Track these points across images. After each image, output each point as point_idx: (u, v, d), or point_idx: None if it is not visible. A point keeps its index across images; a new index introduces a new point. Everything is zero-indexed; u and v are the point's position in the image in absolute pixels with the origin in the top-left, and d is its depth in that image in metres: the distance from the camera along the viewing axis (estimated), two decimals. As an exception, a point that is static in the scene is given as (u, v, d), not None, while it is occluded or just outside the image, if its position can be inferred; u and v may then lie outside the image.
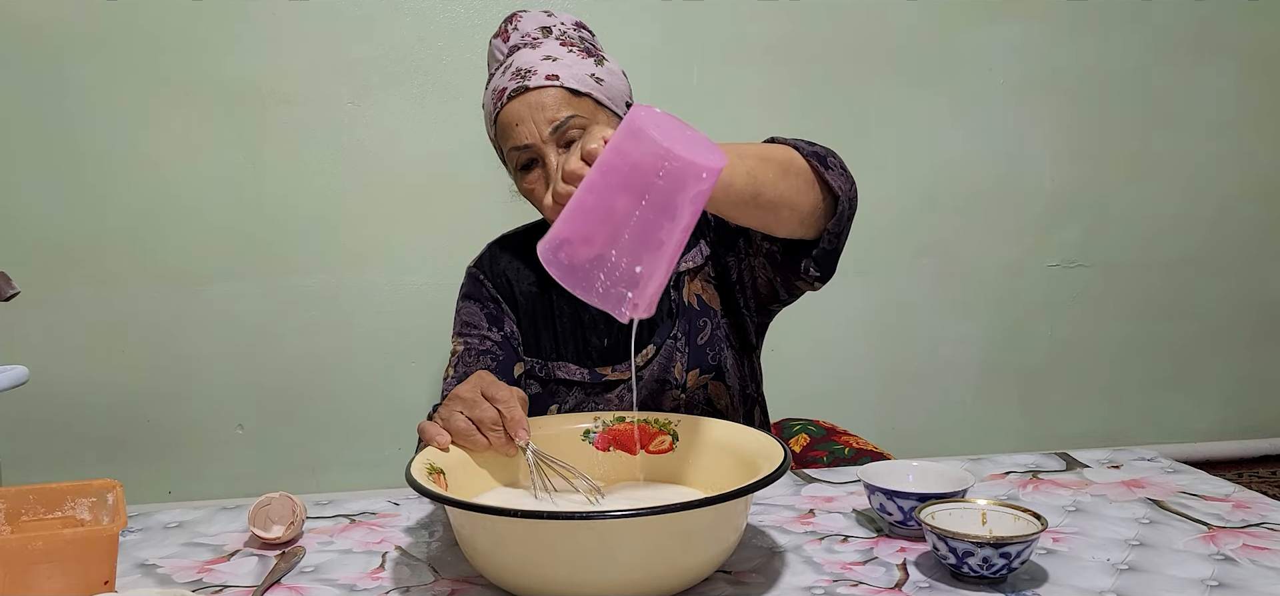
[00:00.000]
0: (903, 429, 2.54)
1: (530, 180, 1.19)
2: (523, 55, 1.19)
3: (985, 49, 2.50)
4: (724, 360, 1.30)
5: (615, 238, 0.84)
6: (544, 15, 1.24)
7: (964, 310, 2.57)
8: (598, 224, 0.85)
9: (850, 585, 0.88)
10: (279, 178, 2.27)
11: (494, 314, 1.31)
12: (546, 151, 1.16)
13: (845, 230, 1.11)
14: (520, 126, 1.16)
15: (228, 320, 2.29)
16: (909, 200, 2.52)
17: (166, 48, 2.20)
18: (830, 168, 1.08)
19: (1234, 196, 2.67)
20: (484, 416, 0.98)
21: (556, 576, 0.81)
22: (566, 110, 1.16)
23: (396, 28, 2.27)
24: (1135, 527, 1.02)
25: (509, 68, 1.19)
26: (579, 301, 1.29)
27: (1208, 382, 2.74)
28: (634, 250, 0.85)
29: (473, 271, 1.36)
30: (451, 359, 1.28)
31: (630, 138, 0.84)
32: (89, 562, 0.82)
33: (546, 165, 1.16)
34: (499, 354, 1.27)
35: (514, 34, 1.23)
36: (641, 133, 0.84)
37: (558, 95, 1.16)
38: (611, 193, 0.85)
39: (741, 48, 2.40)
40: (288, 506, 1.02)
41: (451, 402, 1.01)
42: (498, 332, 1.29)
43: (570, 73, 1.18)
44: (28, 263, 2.12)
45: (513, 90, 1.17)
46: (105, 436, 2.28)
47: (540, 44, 1.20)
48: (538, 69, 1.17)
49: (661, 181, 0.84)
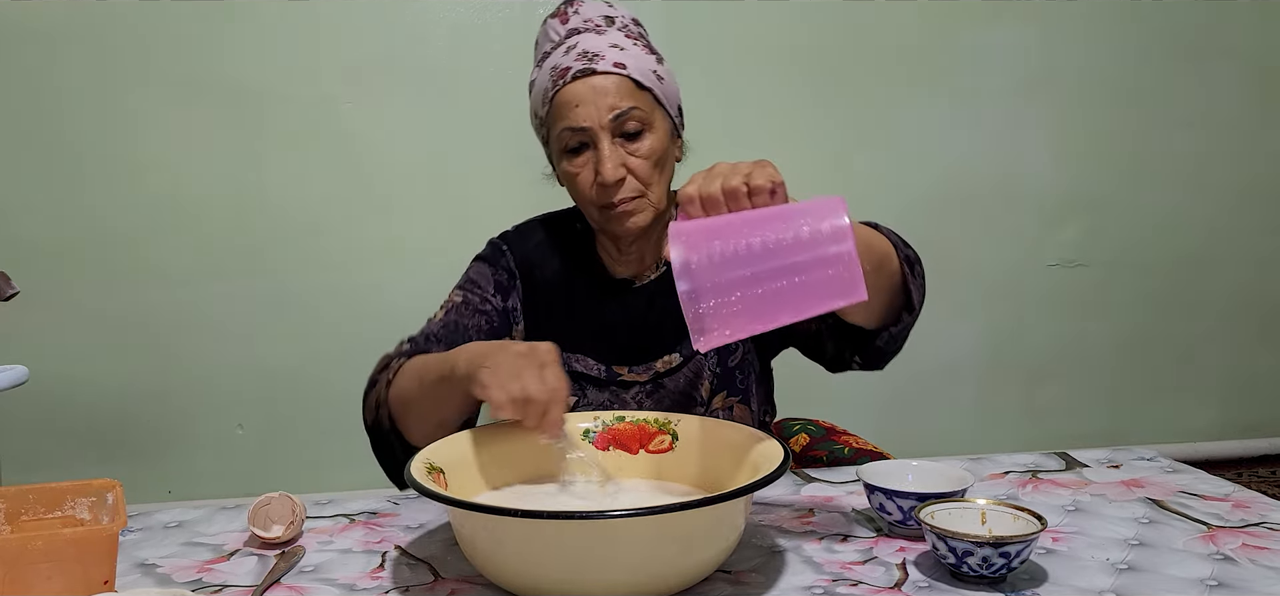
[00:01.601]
0: (903, 429, 2.54)
1: (577, 163, 1.18)
2: (588, 39, 1.18)
3: (985, 49, 2.50)
4: (750, 384, 1.30)
5: (748, 287, 0.84)
6: (605, 4, 1.24)
7: (964, 310, 2.56)
8: (743, 266, 0.84)
9: (850, 585, 0.88)
10: (279, 177, 2.27)
11: (503, 284, 1.29)
12: (601, 137, 1.15)
13: (905, 337, 1.12)
14: (580, 108, 1.15)
15: (227, 320, 2.29)
16: (909, 201, 2.51)
17: (166, 48, 2.20)
18: (916, 276, 1.09)
19: (1234, 196, 2.67)
20: (533, 394, 0.92)
21: (556, 576, 0.81)
22: (629, 101, 1.16)
23: (396, 28, 2.27)
24: (1135, 527, 1.02)
25: (573, 48, 1.18)
26: (602, 298, 1.28)
27: (1207, 382, 2.74)
28: (754, 310, 0.84)
29: (496, 241, 1.34)
30: (445, 304, 1.27)
31: (830, 224, 0.83)
32: (89, 562, 0.82)
33: (599, 150, 1.16)
34: (495, 321, 1.26)
35: (574, 17, 1.22)
36: (843, 234, 0.83)
37: (623, 84, 1.16)
38: (780, 253, 0.84)
39: (742, 48, 2.40)
40: (288, 506, 1.02)
41: (511, 359, 0.95)
42: (500, 301, 1.28)
43: (636, 65, 1.17)
44: (28, 263, 2.12)
45: (578, 71, 1.16)
46: (105, 436, 2.28)
47: (605, 32, 1.20)
48: (605, 55, 1.16)
49: (821, 286, 0.84)
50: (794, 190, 0.93)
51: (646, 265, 1.29)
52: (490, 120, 2.33)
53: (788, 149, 2.45)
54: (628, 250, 1.27)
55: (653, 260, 1.29)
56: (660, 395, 1.26)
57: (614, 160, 1.16)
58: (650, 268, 1.29)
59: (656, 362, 1.27)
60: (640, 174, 1.18)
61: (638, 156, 1.17)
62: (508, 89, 2.33)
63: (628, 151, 1.17)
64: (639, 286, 1.29)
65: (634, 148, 1.17)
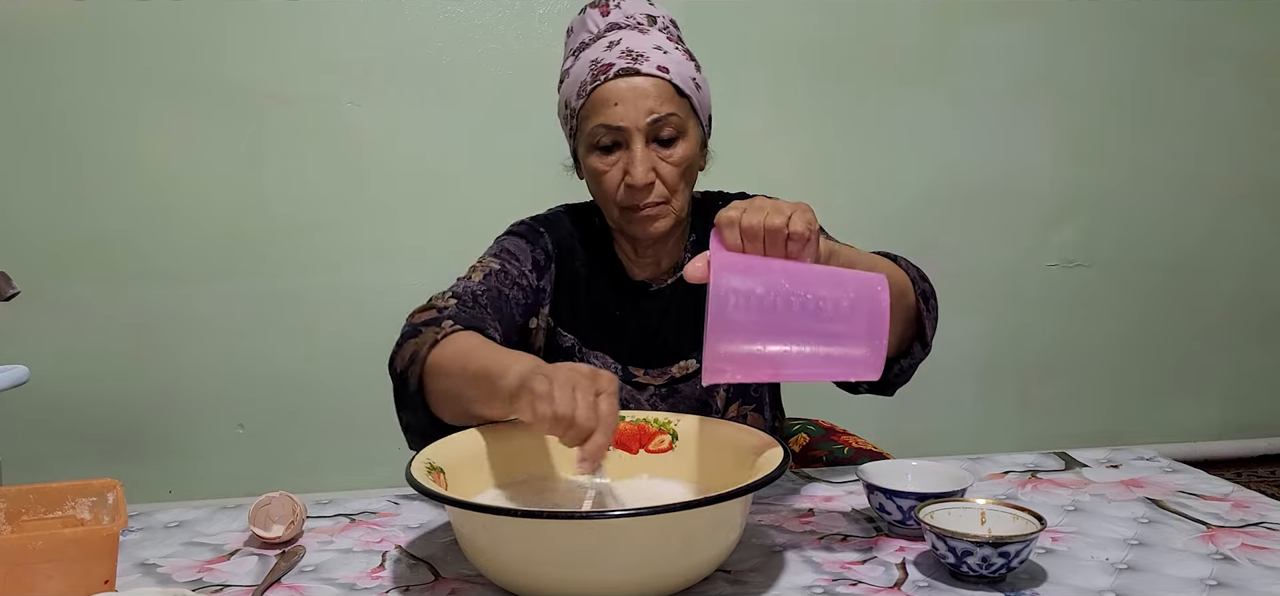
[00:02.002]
0: (902, 429, 2.54)
1: (607, 161, 1.17)
2: (631, 37, 1.17)
3: (985, 49, 2.50)
4: (764, 392, 1.30)
5: (774, 339, 0.86)
6: (647, 3, 1.22)
7: (964, 310, 2.56)
8: (778, 316, 0.85)
9: (849, 584, 0.88)
10: (278, 178, 2.27)
11: (540, 263, 1.26)
12: (636, 139, 1.14)
13: (915, 370, 1.12)
14: (619, 107, 1.14)
15: (228, 320, 2.29)
16: (909, 200, 2.52)
17: (166, 48, 2.20)
18: (930, 311, 1.08)
19: (1233, 197, 2.67)
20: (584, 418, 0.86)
21: (556, 576, 0.81)
22: (668, 106, 1.15)
23: (396, 28, 2.28)
24: (1134, 527, 1.02)
25: (615, 44, 1.16)
26: (620, 297, 1.27)
27: (1207, 382, 2.74)
28: (772, 363, 0.86)
29: (532, 223, 1.31)
30: (480, 268, 1.22)
31: (871, 309, 0.84)
32: (89, 562, 0.82)
33: (631, 151, 1.14)
34: (529, 297, 1.23)
35: (615, 11, 1.20)
36: (878, 308, 0.83)
37: (664, 88, 1.15)
38: (820, 318, 0.85)
39: (743, 48, 2.40)
40: (288, 506, 1.02)
41: (570, 375, 0.88)
42: (535, 280, 1.24)
43: (678, 70, 1.17)
44: (28, 263, 2.12)
45: (621, 68, 1.14)
46: (105, 436, 2.28)
47: (648, 32, 1.18)
48: (650, 56, 1.15)
49: (844, 361, 0.85)
50: (794, 190, 0.93)
51: (663, 269, 1.28)
52: (490, 120, 2.33)
53: (788, 148, 2.46)
54: (645, 252, 1.27)
55: (669, 265, 1.28)
56: (675, 400, 1.26)
57: (645, 164, 1.14)
58: (667, 273, 1.28)
59: (673, 368, 1.26)
60: (668, 180, 1.17)
61: (669, 163, 1.16)
62: (508, 89, 2.34)
63: (659, 156, 1.16)
64: (656, 290, 1.28)
65: (666, 153, 1.16)
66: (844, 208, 2.28)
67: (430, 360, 1.05)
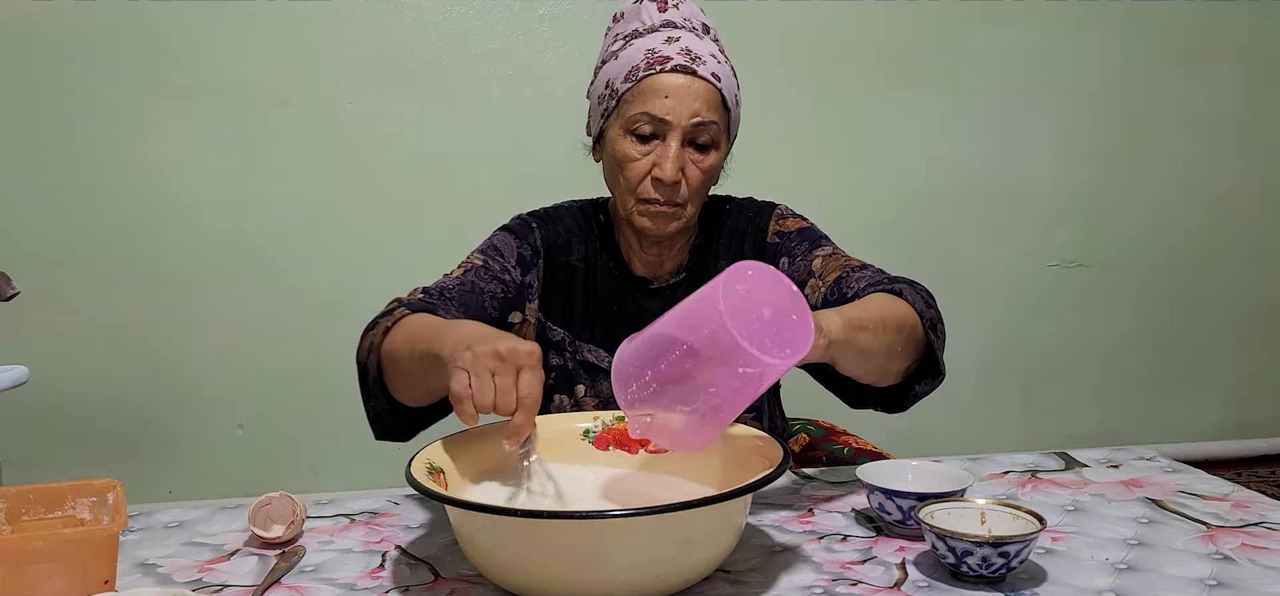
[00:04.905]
0: (902, 429, 2.51)
1: (641, 149, 1.18)
2: (690, 38, 1.19)
3: (986, 49, 2.50)
4: (763, 398, 1.30)
5: (647, 364, 0.88)
6: (701, 11, 1.24)
7: (964, 310, 2.56)
8: (646, 347, 0.89)
9: (849, 584, 0.88)
10: (278, 178, 2.27)
11: (526, 258, 1.28)
12: (674, 136, 1.16)
13: (929, 394, 1.13)
14: (669, 100, 1.15)
15: (227, 320, 2.29)
16: (909, 200, 2.52)
17: (166, 49, 2.20)
18: (940, 337, 1.09)
19: (1233, 196, 2.67)
20: (503, 404, 0.88)
21: (556, 576, 0.81)
22: (713, 114, 1.17)
23: (395, 28, 2.28)
24: (1134, 527, 1.02)
25: (674, 40, 1.18)
26: (620, 292, 1.28)
27: (1207, 382, 2.74)
28: (657, 393, 0.88)
29: (525, 217, 1.32)
30: (464, 264, 1.25)
31: (724, 288, 0.83)
32: (89, 562, 0.82)
33: (667, 146, 1.16)
34: (510, 292, 1.24)
35: (673, 10, 1.22)
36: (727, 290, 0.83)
37: (713, 96, 1.17)
38: (675, 327, 0.87)
39: (743, 48, 2.36)
40: (288, 506, 1.02)
41: (489, 358, 0.89)
42: (519, 275, 1.26)
43: (727, 83, 1.19)
44: (28, 263, 2.12)
45: (678, 63, 1.16)
46: (105, 436, 2.28)
47: (703, 39, 1.20)
48: (707, 61, 1.17)
49: (710, 352, 0.85)
50: (795, 190, 0.93)
51: (665, 269, 1.29)
52: (490, 120, 2.33)
53: (787, 149, 2.46)
54: (649, 249, 1.27)
55: (671, 265, 1.29)
56: None
57: (677, 162, 1.16)
58: (669, 272, 1.29)
59: None
60: (693, 184, 1.19)
61: (698, 168, 1.19)
62: (507, 89, 2.34)
63: (691, 159, 1.18)
64: (657, 287, 1.29)
65: (698, 158, 1.18)
66: (845, 208, 2.28)
67: (385, 347, 1.08)
